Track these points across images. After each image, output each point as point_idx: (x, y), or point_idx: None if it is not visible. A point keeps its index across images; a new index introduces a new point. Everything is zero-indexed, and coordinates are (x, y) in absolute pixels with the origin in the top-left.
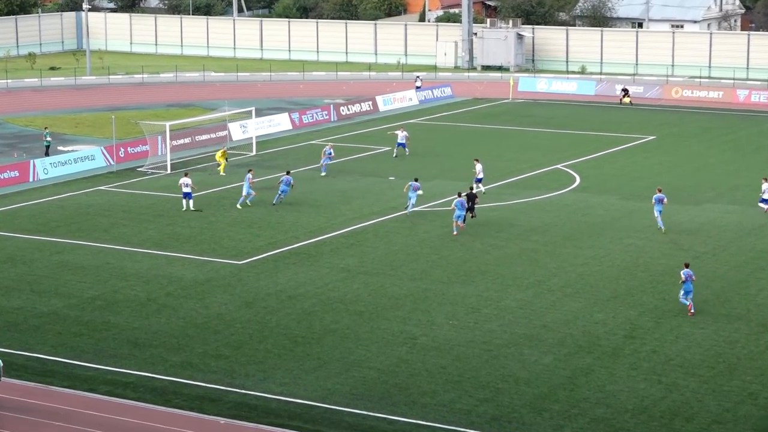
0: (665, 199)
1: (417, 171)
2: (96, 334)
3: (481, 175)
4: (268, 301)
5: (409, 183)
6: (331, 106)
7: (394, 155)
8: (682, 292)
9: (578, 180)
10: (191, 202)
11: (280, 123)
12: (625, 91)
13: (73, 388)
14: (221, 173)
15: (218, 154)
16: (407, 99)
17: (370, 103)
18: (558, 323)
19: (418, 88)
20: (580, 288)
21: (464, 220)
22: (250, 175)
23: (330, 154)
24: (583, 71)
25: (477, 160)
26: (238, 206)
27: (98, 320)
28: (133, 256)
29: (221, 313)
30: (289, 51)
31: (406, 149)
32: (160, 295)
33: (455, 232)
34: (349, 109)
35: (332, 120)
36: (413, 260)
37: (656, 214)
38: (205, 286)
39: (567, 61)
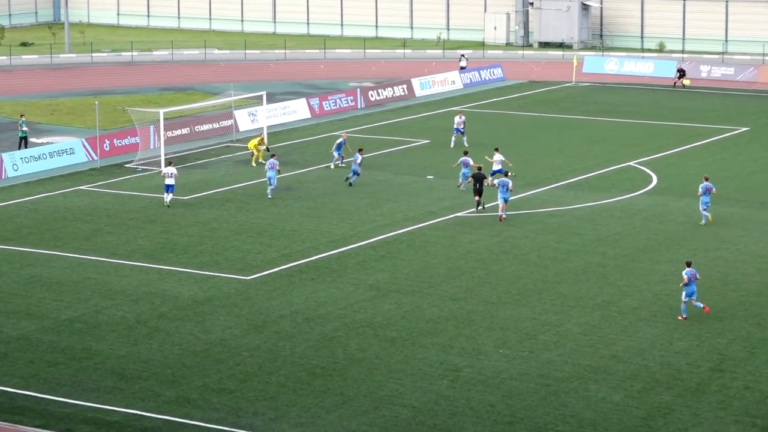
0: (713, 189)
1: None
2: (75, 364)
3: (498, 167)
4: (281, 324)
5: (460, 159)
6: (358, 90)
7: (451, 145)
8: (684, 294)
9: (655, 180)
10: (170, 196)
11: (296, 110)
12: (682, 73)
13: (47, 427)
14: (253, 164)
15: (253, 143)
16: (449, 82)
17: (405, 86)
18: (630, 353)
19: (462, 68)
20: (657, 310)
21: (506, 202)
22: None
23: (341, 145)
24: (661, 49)
25: (497, 150)
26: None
27: (77, 347)
28: (120, 270)
29: (225, 339)
30: (308, 24)
31: (464, 136)
32: (151, 316)
33: (504, 216)
34: (379, 94)
35: (359, 107)
36: (456, 276)
37: (702, 207)
38: (205, 306)
39: (642, 37)
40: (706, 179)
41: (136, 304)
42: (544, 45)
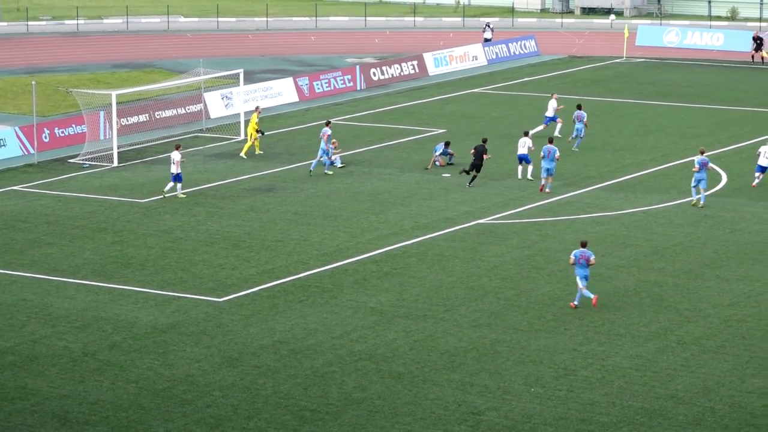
0: (709, 163)
1: (484, 166)
2: (6, 405)
3: (523, 151)
4: (262, 356)
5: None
6: (357, 68)
7: (557, 132)
8: (578, 279)
9: (725, 179)
10: (179, 185)
11: (281, 92)
12: (759, 42)
13: None
14: (242, 155)
15: (253, 125)
16: (470, 57)
17: (415, 63)
18: (693, 392)
19: (487, 41)
20: (726, 340)
21: (550, 174)
22: (328, 130)
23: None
24: (733, 16)
25: (526, 134)
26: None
27: (10, 384)
28: (63, 290)
29: (192, 375)
30: None
31: (558, 124)
32: (101, 347)
33: (548, 190)
34: (383, 73)
35: (359, 88)
36: (478, 297)
37: (694, 183)
38: (168, 335)
39: (710, 2)
40: (702, 152)
41: (82, 332)
42: (588, 11)
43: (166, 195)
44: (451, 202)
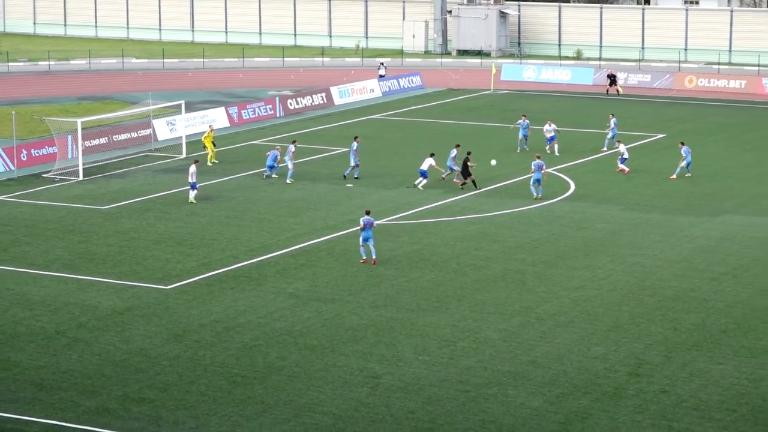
0: (544, 167)
1: (380, 177)
2: None
3: (550, 135)
4: (201, 333)
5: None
6: (277, 98)
7: (555, 153)
8: (361, 239)
9: (573, 187)
10: (191, 192)
11: (215, 119)
12: (612, 78)
13: None
14: (209, 162)
15: (208, 139)
16: (368, 90)
17: (324, 95)
18: (549, 358)
19: (381, 77)
20: (575, 316)
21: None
22: (292, 147)
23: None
24: (578, 57)
25: (539, 157)
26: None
27: None
28: (38, 281)
29: (144, 348)
30: (226, 33)
31: (556, 146)
32: (70, 326)
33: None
34: (298, 103)
35: (278, 115)
36: (376, 284)
37: (532, 182)
38: (124, 316)
39: (560, 45)
40: (539, 157)
41: (55, 315)
42: (463, 53)
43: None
44: (353, 207)
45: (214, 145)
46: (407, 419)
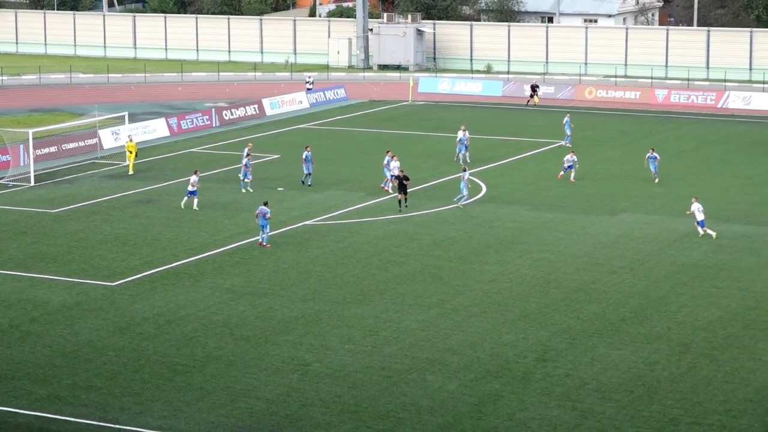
0: (466, 176)
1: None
2: None
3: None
4: (145, 326)
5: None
6: (213, 110)
7: (467, 160)
8: (260, 227)
9: (484, 189)
10: (195, 200)
11: (156, 129)
12: (534, 89)
13: None
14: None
15: (129, 145)
16: (297, 102)
17: (256, 106)
18: (463, 346)
19: (308, 90)
20: (487, 307)
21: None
22: (247, 150)
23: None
24: (488, 70)
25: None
26: (248, 189)
27: None
28: None
29: (92, 340)
30: (166, 50)
31: (468, 154)
32: (23, 321)
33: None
34: (232, 114)
35: (214, 125)
36: (305, 279)
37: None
38: (73, 311)
39: (471, 60)
40: (391, 155)
41: (9, 310)
42: (383, 67)
43: (183, 207)
44: (284, 209)
45: (136, 156)
46: (334, 403)
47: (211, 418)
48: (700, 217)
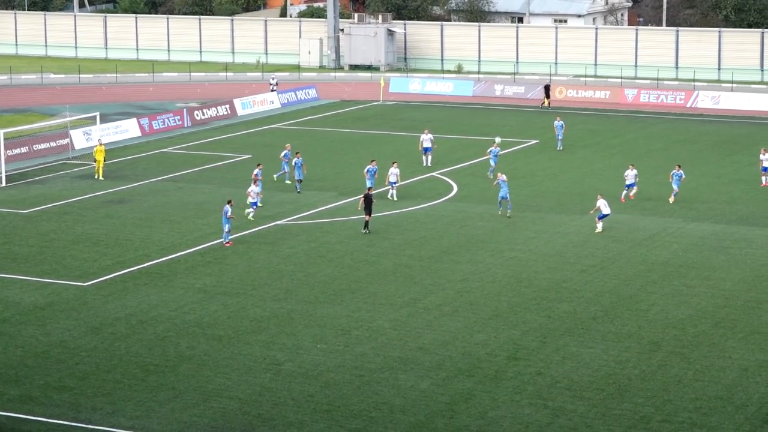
0: (376, 172)
1: (281, 181)
2: None
3: (631, 181)
4: (117, 326)
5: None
6: (185, 110)
7: (428, 164)
8: (224, 226)
9: (455, 189)
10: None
11: (127, 129)
12: (547, 91)
13: None
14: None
15: (97, 151)
16: (268, 102)
17: (228, 106)
18: (435, 345)
19: (273, 90)
20: (459, 306)
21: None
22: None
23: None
24: (459, 70)
25: (632, 166)
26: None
27: None
28: None
29: (64, 341)
30: (137, 50)
31: (430, 155)
32: None
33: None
34: (204, 114)
35: (186, 125)
36: (277, 279)
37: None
38: (45, 311)
39: (442, 60)
40: (373, 162)
41: None
42: (354, 68)
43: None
44: (256, 210)
45: (105, 160)
46: (307, 402)
47: (184, 417)
48: (606, 210)
